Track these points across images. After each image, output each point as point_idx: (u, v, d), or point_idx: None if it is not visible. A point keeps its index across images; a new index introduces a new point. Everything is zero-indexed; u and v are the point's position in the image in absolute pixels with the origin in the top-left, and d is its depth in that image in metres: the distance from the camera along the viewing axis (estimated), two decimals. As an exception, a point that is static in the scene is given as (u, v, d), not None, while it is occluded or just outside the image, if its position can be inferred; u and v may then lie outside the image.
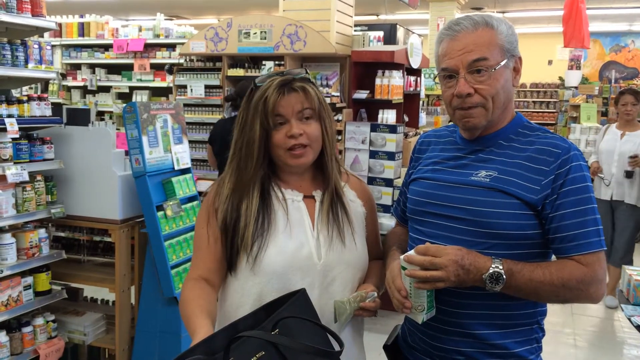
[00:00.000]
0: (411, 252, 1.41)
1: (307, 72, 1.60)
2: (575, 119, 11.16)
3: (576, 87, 12.69)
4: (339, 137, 5.25)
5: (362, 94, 5.52)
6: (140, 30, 7.96)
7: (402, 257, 1.42)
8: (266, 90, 1.53)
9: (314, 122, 1.56)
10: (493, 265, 1.37)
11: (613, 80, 13.71)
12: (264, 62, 5.74)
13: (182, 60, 6.37)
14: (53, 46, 7.73)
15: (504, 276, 1.36)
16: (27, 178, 2.92)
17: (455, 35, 1.48)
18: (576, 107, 11.45)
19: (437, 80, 1.61)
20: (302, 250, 1.54)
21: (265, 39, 5.60)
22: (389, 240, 1.77)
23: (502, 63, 1.46)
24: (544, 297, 1.43)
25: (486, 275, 1.36)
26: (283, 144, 1.53)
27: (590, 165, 5.38)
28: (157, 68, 7.87)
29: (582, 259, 1.40)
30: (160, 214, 3.15)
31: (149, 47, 7.88)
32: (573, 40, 7.96)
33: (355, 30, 6.17)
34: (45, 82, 7.57)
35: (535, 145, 1.48)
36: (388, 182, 4.75)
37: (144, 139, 3.10)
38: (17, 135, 2.93)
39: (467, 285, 1.39)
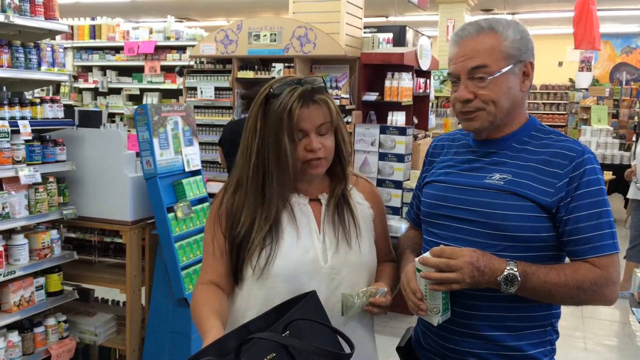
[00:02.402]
0: (426, 254, 1.41)
1: (323, 81, 1.58)
2: (586, 121, 11.12)
3: (587, 89, 12.64)
4: (349, 139, 5.26)
5: (372, 96, 5.52)
6: (150, 32, 8.01)
7: (417, 259, 1.42)
8: (289, 101, 1.48)
9: (330, 135, 1.55)
10: (508, 267, 1.37)
11: (624, 82, 13.62)
12: (273, 64, 5.76)
13: (192, 63, 6.40)
14: (65, 48, 7.81)
15: (519, 278, 1.36)
16: (39, 179, 2.95)
17: (459, 40, 1.51)
18: (587, 109, 11.41)
19: (448, 83, 1.62)
20: (307, 254, 1.54)
21: (275, 41, 5.62)
22: (403, 243, 1.77)
23: (505, 69, 1.46)
24: (558, 299, 1.43)
25: (501, 277, 1.37)
26: (302, 157, 1.52)
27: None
28: (167, 70, 7.91)
29: (596, 261, 1.41)
30: (170, 215, 3.16)
31: (160, 49, 7.92)
32: (584, 41, 7.93)
33: (364, 32, 6.18)
34: (57, 84, 7.63)
35: (549, 148, 1.49)
36: (397, 184, 4.75)
37: (155, 140, 3.12)
38: (30, 137, 2.95)
39: (482, 287, 1.40)
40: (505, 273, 1.36)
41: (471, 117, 1.51)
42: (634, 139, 9.70)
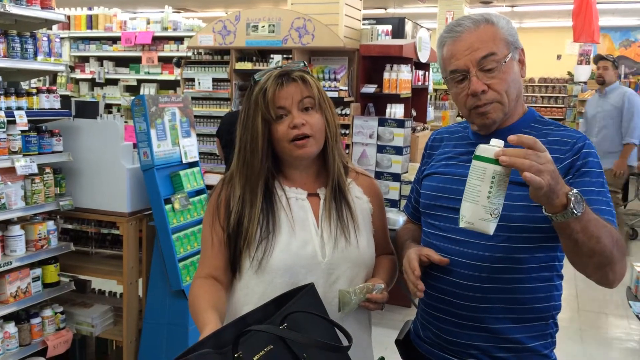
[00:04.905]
0: (496, 143, 1.26)
1: (305, 65, 1.60)
2: (584, 115, 11.10)
3: (585, 82, 12.61)
4: (347, 132, 5.24)
5: (370, 88, 5.51)
6: (148, 23, 7.98)
7: (487, 147, 1.26)
8: (265, 83, 1.54)
9: (315, 112, 1.56)
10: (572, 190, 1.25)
11: (622, 76, 13.61)
12: (272, 56, 5.73)
13: (190, 53, 6.38)
14: (62, 38, 7.78)
15: (584, 202, 1.25)
16: (36, 170, 2.93)
17: (458, 35, 1.49)
18: (585, 103, 11.39)
19: (446, 85, 1.59)
20: (306, 249, 1.54)
21: (273, 32, 5.59)
22: (403, 234, 1.76)
23: (509, 56, 1.47)
24: (597, 247, 1.29)
25: (572, 193, 1.23)
26: (286, 135, 1.53)
27: None
28: (165, 61, 7.88)
29: None
30: (168, 207, 3.16)
31: (157, 40, 7.89)
32: (583, 34, 7.90)
33: (363, 24, 6.16)
34: (54, 75, 7.60)
35: (549, 137, 1.49)
36: (395, 177, 4.74)
37: (152, 132, 3.11)
38: (27, 128, 2.94)
39: (552, 202, 1.23)
40: (574, 191, 1.24)
41: (486, 111, 1.48)
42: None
